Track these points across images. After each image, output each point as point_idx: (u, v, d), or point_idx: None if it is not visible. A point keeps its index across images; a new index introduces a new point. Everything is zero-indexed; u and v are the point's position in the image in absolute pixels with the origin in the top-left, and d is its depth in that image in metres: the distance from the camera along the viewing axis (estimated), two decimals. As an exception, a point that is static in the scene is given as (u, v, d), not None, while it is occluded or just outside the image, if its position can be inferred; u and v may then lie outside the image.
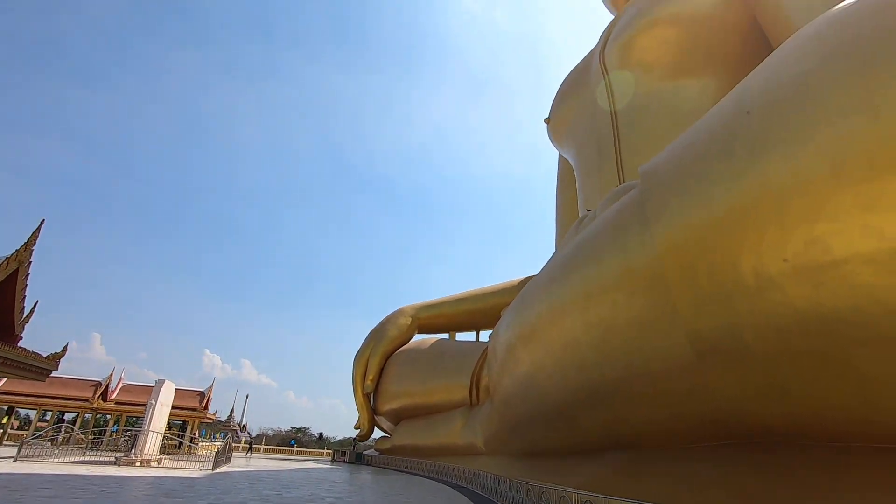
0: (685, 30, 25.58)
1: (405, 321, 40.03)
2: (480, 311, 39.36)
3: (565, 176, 40.89)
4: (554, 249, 40.91)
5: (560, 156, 41.85)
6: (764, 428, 9.79)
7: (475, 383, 28.22)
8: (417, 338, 40.32)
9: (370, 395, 38.62)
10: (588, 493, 11.03)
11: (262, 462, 38.27)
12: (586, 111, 31.80)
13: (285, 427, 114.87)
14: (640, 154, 26.85)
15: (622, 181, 27.66)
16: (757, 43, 24.21)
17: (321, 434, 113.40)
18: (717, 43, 25.05)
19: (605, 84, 29.88)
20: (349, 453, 44.78)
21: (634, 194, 12.49)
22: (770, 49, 22.91)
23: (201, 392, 50.89)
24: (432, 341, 36.69)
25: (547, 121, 37.91)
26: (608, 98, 29.54)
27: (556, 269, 14.73)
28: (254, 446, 59.65)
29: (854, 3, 9.19)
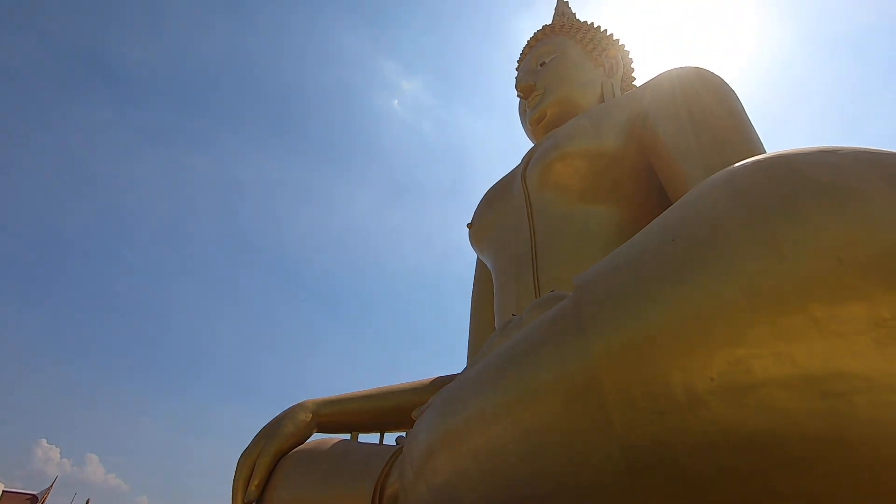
0: (593, 164, 29.56)
1: (304, 417, 36.21)
2: (388, 409, 37.15)
3: (482, 278, 42.61)
4: (467, 348, 40.98)
5: (478, 260, 43.97)
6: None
7: (379, 492, 25.80)
8: (315, 437, 36.88)
9: (251, 504, 33.64)
10: None
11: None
12: (507, 223, 34.17)
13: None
14: (555, 267, 28.93)
15: (538, 289, 29.41)
16: (651, 183, 28.37)
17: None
18: (619, 178, 28.91)
19: (525, 201, 32.96)
20: (214, 578, 37.32)
21: (567, 303, 13.12)
22: (662, 190, 26.86)
23: (34, 496, 40.98)
24: (333, 441, 33.61)
25: (469, 226, 40.20)
26: (527, 214, 32.42)
27: (486, 371, 14.59)
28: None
29: (752, 163, 11.22)
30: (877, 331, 5.64)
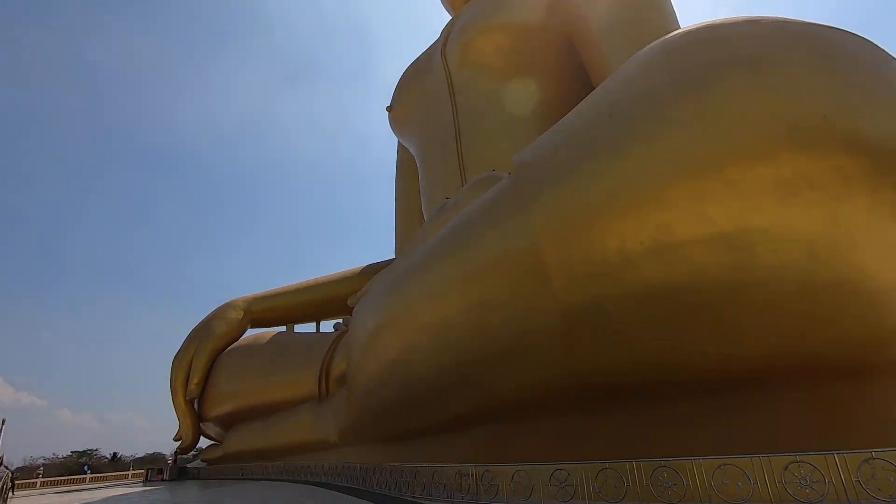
0: (515, 38, 28.43)
1: (236, 315, 36.20)
2: (322, 300, 37.87)
3: (405, 164, 41.77)
4: (395, 234, 41.72)
5: (400, 144, 42.60)
6: (617, 385, 11.62)
7: (325, 375, 27.21)
8: (250, 333, 36.98)
9: (194, 401, 34.12)
10: (480, 465, 11.65)
11: (44, 500, 30.79)
12: (428, 103, 32.97)
13: (63, 452, 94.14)
14: (479, 147, 29.09)
15: (463, 171, 29.66)
16: (572, 59, 27.99)
17: (115, 454, 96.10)
18: (541, 52, 28.28)
19: (447, 80, 31.42)
20: (168, 469, 38.81)
21: (508, 184, 13.57)
22: (583, 67, 26.74)
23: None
24: (271, 335, 34.01)
25: (389, 109, 38.22)
26: (449, 94, 31.15)
27: (430, 253, 15.09)
28: (20, 482, 47.18)
29: (682, 36, 11.46)
30: (779, 189, 6.76)
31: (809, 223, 9.15)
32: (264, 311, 38.09)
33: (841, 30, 10.45)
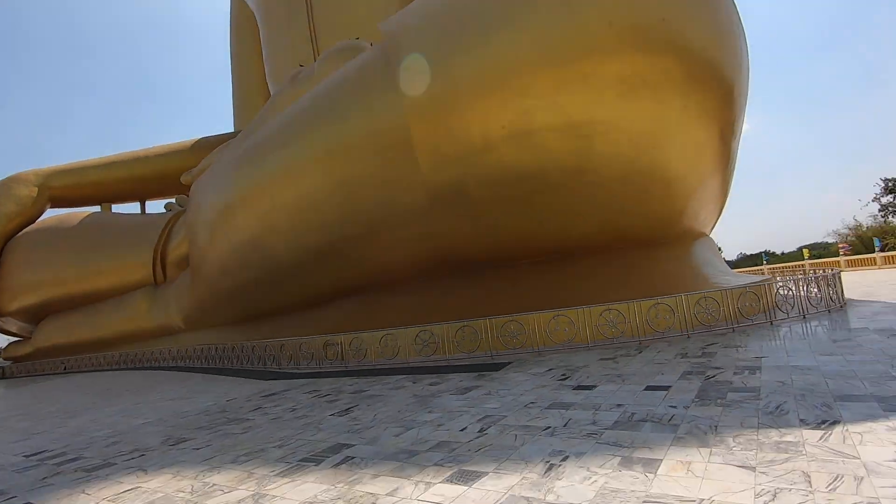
0: None
1: (28, 192, 29.59)
2: (145, 177, 32.76)
3: (242, 22, 35.78)
4: (233, 100, 37.07)
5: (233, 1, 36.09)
6: (473, 257, 12.94)
7: (160, 259, 24.72)
8: (49, 213, 30.94)
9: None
10: (349, 333, 12.34)
11: None
12: None
13: None
14: (332, 10, 26.17)
15: (314, 37, 26.72)
16: None
17: None
18: None
19: None
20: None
21: (375, 56, 12.77)
22: None
23: None
24: (82, 216, 28.94)
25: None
26: None
27: (289, 127, 13.93)
28: None
29: None
30: (620, 85, 8.06)
31: (638, 118, 10.69)
32: (68, 187, 31.83)
33: None
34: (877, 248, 26.13)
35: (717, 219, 16.08)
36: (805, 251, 31.68)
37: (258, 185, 14.44)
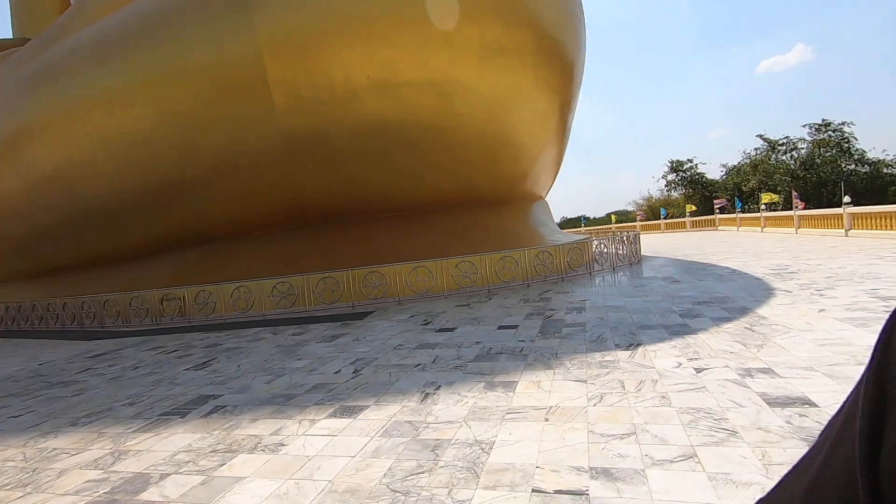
0: None
1: None
2: None
3: None
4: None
5: None
6: (332, 209, 12.66)
7: None
8: None
9: None
10: (194, 286, 11.21)
11: None
12: None
13: None
14: None
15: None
16: None
17: None
18: None
19: None
20: None
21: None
22: None
23: None
24: None
25: None
26: None
27: (108, 42, 11.55)
28: None
29: None
30: (481, 49, 8.96)
31: (494, 83, 11.43)
32: None
33: None
34: (662, 217, 32.59)
35: (552, 184, 18.16)
36: (613, 217, 37.95)
37: (65, 111, 11.85)
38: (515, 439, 3.06)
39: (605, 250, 12.81)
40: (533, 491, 2.47)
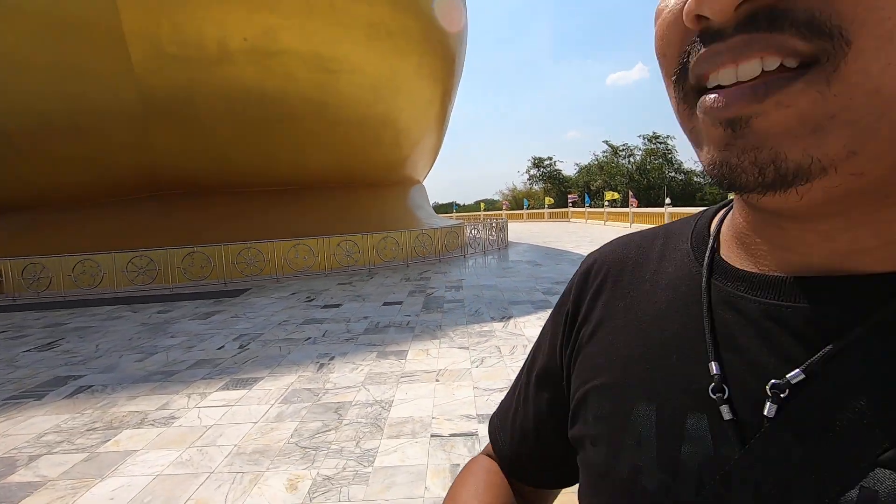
0: None
1: None
2: None
3: None
4: None
5: None
6: (199, 180, 11.59)
7: None
8: None
9: None
10: (23, 257, 9.43)
11: None
12: None
13: None
14: None
15: None
16: None
17: None
18: None
19: None
20: None
21: None
22: None
23: None
24: None
25: None
26: None
27: None
28: None
29: None
30: (369, 29, 9.60)
31: (380, 65, 11.48)
32: None
33: None
34: (525, 207, 35.65)
35: (429, 170, 18.77)
36: (482, 204, 40.40)
37: None
38: (411, 398, 3.40)
39: (478, 235, 13.77)
40: (432, 436, 2.83)
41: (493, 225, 14.28)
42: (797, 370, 0.29)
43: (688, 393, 0.35)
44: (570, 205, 31.34)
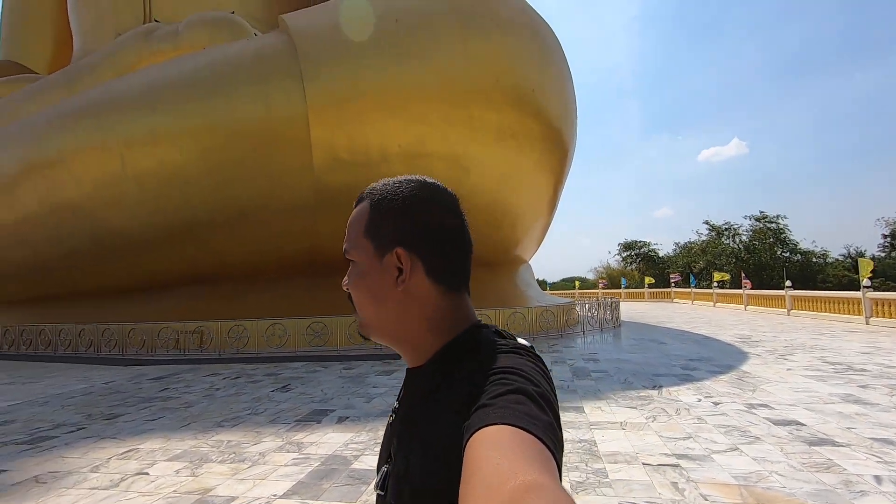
0: None
1: None
2: None
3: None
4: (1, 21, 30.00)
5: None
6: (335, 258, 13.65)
7: None
8: None
9: None
10: (197, 321, 11.72)
11: None
12: None
13: None
14: None
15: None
16: None
17: None
18: None
19: None
20: None
21: (278, 44, 12.57)
22: None
23: None
24: None
25: None
26: None
27: (158, 89, 12.56)
28: None
29: None
30: (497, 132, 11.64)
31: (505, 161, 13.23)
32: None
33: (542, 18, 14.59)
34: (623, 287, 35.35)
35: (536, 250, 19.96)
36: (577, 283, 40.64)
37: (103, 145, 12.57)
38: (609, 439, 4.25)
39: (593, 313, 14.42)
40: (643, 464, 3.65)
41: (609, 304, 14.87)
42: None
43: None
44: (673, 285, 30.67)
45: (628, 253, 44.39)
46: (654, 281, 33.32)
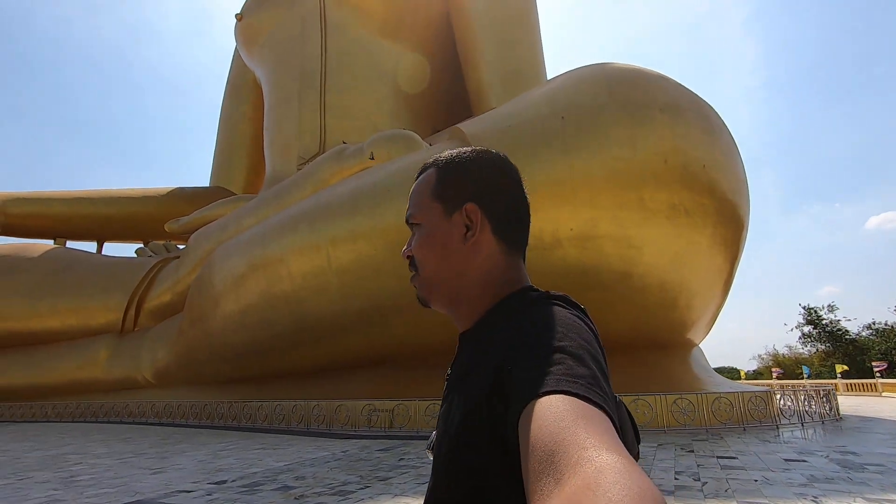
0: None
1: (-19, 216, 27.30)
2: (111, 217, 31.19)
3: (241, 84, 37.11)
4: (214, 156, 37.69)
5: (237, 60, 37.60)
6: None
7: (135, 306, 23.07)
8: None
9: None
10: (393, 400, 12.54)
11: None
12: (292, 30, 30.10)
13: None
14: (343, 93, 27.86)
15: (323, 116, 28.10)
16: (443, 35, 29.19)
17: None
18: (420, 19, 28.70)
19: (320, 13, 28.77)
20: None
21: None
22: (452, 43, 27.99)
23: None
24: (43, 248, 26.63)
25: (239, 17, 33.44)
26: (321, 26, 28.78)
27: (353, 196, 14.92)
28: None
29: (621, 71, 14.23)
30: (669, 210, 11.02)
31: (678, 239, 12.91)
32: (28, 216, 29.82)
33: (703, 99, 14.58)
34: (805, 376, 30.29)
35: (707, 333, 18.42)
36: (742, 373, 35.72)
37: (315, 245, 14.92)
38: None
39: (809, 405, 12.61)
40: None
41: (825, 393, 12.95)
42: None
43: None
44: (878, 375, 25.56)
45: (811, 329, 36.83)
46: (847, 368, 28.07)
